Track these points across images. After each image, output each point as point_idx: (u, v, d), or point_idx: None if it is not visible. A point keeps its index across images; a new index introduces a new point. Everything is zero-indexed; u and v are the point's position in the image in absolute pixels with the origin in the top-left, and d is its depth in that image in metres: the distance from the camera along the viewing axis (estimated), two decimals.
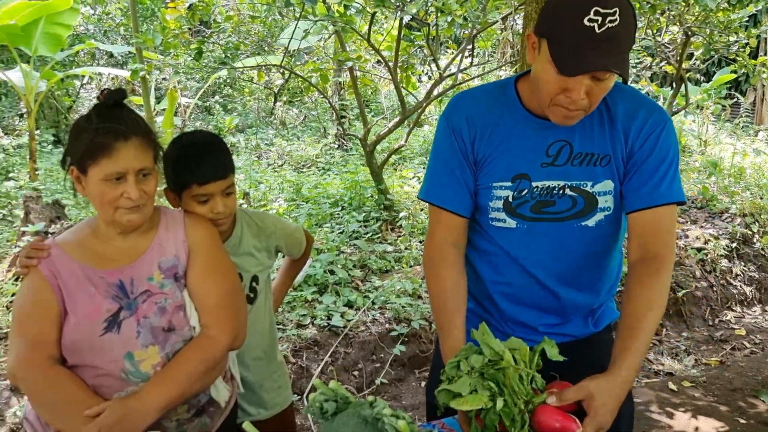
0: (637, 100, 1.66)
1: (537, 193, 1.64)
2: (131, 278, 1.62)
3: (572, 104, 1.48)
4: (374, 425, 1.17)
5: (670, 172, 1.60)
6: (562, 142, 1.62)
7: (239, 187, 6.36)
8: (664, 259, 1.56)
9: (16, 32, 6.13)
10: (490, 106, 1.68)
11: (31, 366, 1.52)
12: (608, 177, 1.62)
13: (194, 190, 1.82)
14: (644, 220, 1.58)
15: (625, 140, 1.61)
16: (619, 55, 1.40)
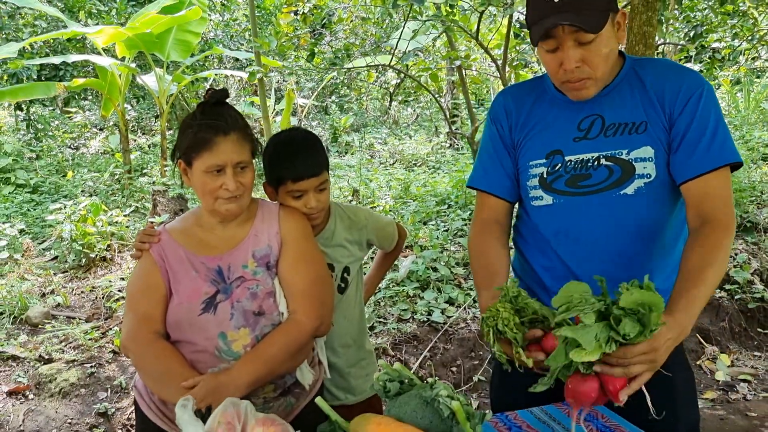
0: (667, 66, 1.67)
1: (571, 167, 1.65)
2: (228, 265, 1.76)
3: (571, 75, 1.54)
4: (432, 406, 1.23)
5: (718, 136, 1.56)
6: (594, 116, 1.65)
7: (350, 185, 6.56)
8: (721, 222, 1.52)
9: (151, 40, 6.67)
10: (526, 95, 1.78)
11: (138, 339, 1.70)
12: (647, 143, 1.60)
13: (289, 186, 1.94)
14: (696, 188, 1.56)
15: (661, 105, 1.60)
16: (581, 11, 1.46)
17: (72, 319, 4.31)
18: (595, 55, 1.53)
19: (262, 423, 1.22)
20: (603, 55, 1.54)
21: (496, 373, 1.97)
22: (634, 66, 1.67)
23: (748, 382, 4.21)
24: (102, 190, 7.13)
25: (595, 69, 1.55)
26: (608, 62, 1.57)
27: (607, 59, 1.56)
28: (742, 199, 5.81)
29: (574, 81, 1.57)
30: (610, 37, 1.55)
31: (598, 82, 1.59)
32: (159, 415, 1.76)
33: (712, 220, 1.53)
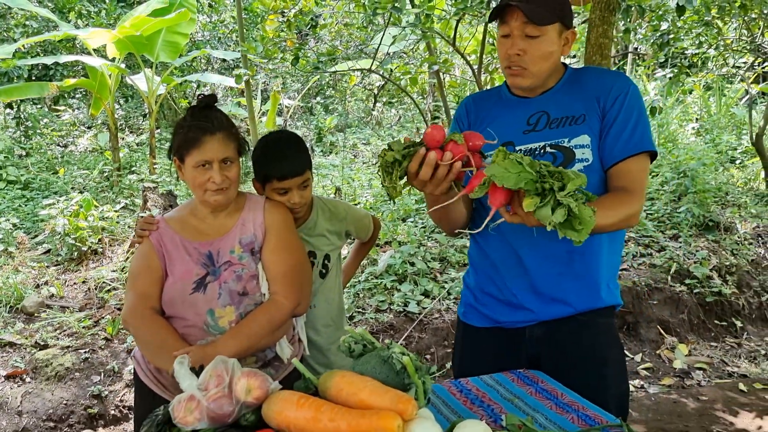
0: (601, 71, 2.02)
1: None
2: (218, 250, 2.01)
3: (512, 61, 1.84)
4: (389, 363, 1.48)
5: (638, 128, 1.85)
6: (540, 112, 1.93)
7: (333, 183, 6.80)
8: (632, 191, 1.82)
9: (141, 42, 6.87)
10: (486, 99, 2.08)
11: (137, 314, 1.95)
12: (584, 132, 1.87)
13: (275, 183, 2.18)
14: (618, 169, 1.85)
15: (596, 100, 1.89)
16: (535, 5, 1.76)
17: (66, 308, 4.53)
18: (536, 50, 1.81)
19: (246, 375, 1.46)
20: (542, 53, 1.82)
21: (460, 350, 2.23)
22: (573, 73, 1.98)
23: (703, 370, 4.51)
24: (92, 186, 7.33)
25: (532, 63, 1.83)
26: (546, 63, 1.85)
27: (545, 59, 1.84)
28: (705, 199, 6.11)
29: (514, 67, 1.85)
30: (554, 42, 1.83)
31: (533, 76, 1.86)
32: (154, 381, 2.00)
33: (624, 188, 1.83)
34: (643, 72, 10.07)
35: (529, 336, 1.99)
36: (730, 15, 5.80)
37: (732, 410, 3.89)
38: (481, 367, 1.98)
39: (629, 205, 1.81)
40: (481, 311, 2.08)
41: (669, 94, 8.97)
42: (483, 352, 2.09)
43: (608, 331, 2.01)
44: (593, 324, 1.96)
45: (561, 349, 1.96)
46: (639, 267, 5.29)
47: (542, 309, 1.96)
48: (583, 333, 1.95)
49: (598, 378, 1.95)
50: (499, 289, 2.01)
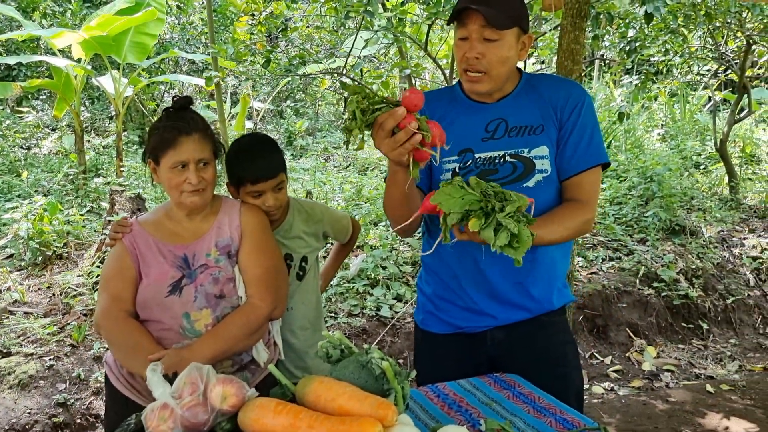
0: (556, 79, 2.04)
1: (480, 163, 1.90)
2: (194, 253, 1.97)
3: (468, 64, 1.82)
4: (367, 368, 1.46)
5: (594, 139, 1.90)
6: (498, 119, 1.92)
7: (304, 187, 6.76)
8: (584, 203, 1.88)
9: (107, 42, 6.73)
10: (439, 100, 2.01)
11: (110, 317, 1.90)
12: (543, 143, 1.88)
13: (248, 187, 2.16)
14: (572, 183, 1.90)
15: (554, 111, 1.90)
16: (492, 8, 1.74)
17: (29, 314, 4.41)
18: (494, 54, 1.79)
19: (222, 382, 1.42)
20: (501, 57, 1.80)
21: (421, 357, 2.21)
22: (529, 80, 1.97)
23: (671, 372, 4.58)
24: (57, 190, 7.17)
25: (491, 66, 1.81)
26: (504, 66, 1.83)
27: (503, 63, 1.82)
28: (671, 204, 6.22)
29: (472, 72, 1.82)
30: (512, 47, 1.81)
31: (492, 80, 1.84)
32: (127, 386, 1.96)
33: (578, 200, 1.89)
34: (610, 78, 10.22)
35: (491, 339, 2.01)
36: (696, 23, 5.91)
37: (700, 411, 3.95)
38: (443, 372, 1.98)
39: (582, 215, 1.89)
40: (440, 317, 2.07)
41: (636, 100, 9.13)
42: (444, 357, 2.08)
43: (564, 329, 2.10)
44: (550, 324, 2.02)
45: (522, 350, 2.00)
46: (608, 270, 5.36)
47: (503, 314, 1.99)
48: (540, 333, 2.00)
49: (561, 375, 2.01)
50: (458, 296, 2.01)
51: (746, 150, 8.42)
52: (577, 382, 2.06)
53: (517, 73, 1.96)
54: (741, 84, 6.83)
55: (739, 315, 5.35)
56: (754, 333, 5.28)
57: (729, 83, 9.71)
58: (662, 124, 9.80)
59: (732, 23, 6.29)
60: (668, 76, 9.42)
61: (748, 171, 7.94)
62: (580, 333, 4.85)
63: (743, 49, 6.68)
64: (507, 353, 2.01)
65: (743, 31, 6.34)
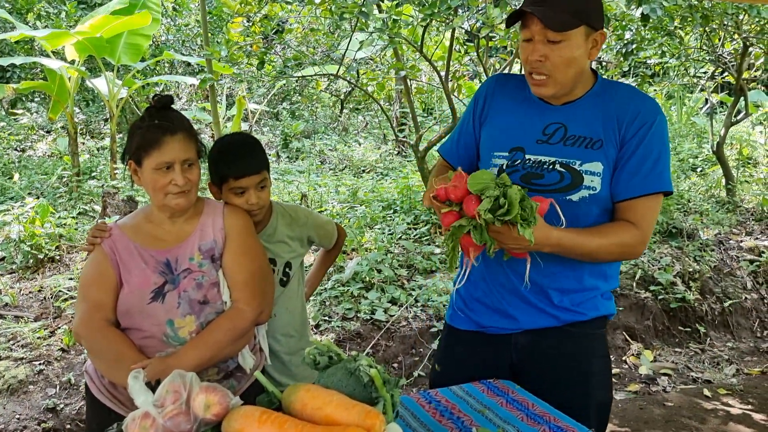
0: (630, 91, 1.87)
1: (529, 165, 1.83)
2: (176, 257, 1.92)
3: (532, 67, 1.74)
4: (356, 376, 1.42)
5: (658, 165, 1.76)
6: (558, 124, 1.83)
7: (299, 189, 6.72)
8: (639, 226, 1.77)
9: (101, 44, 6.69)
10: (510, 86, 1.95)
11: (90, 326, 1.85)
12: (598, 159, 1.78)
13: (231, 183, 2.12)
14: (628, 206, 1.79)
15: (618, 127, 1.78)
16: (553, 10, 1.65)
17: (20, 318, 4.36)
18: (558, 55, 1.68)
19: (205, 390, 1.38)
20: (565, 59, 1.69)
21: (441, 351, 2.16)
22: (604, 86, 1.85)
23: (668, 376, 4.53)
24: (50, 192, 7.11)
25: (555, 69, 1.70)
26: (571, 68, 1.72)
27: (569, 65, 1.70)
28: (668, 206, 6.19)
29: (536, 75, 1.74)
30: (579, 46, 1.70)
31: (557, 84, 1.74)
32: (109, 397, 1.91)
33: (631, 222, 1.78)
34: None
35: (514, 343, 1.95)
36: (692, 25, 5.89)
37: (698, 416, 3.91)
38: (463, 370, 1.95)
39: (630, 236, 1.77)
40: (468, 315, 2.03)
41: None
42: (465, 355, 2.04)
43: (595, 341, 1.96)
44: (580, 335, 1.92)
45: (545, 358, 1.93)
46: None
47: (526, 318, 1.92)
48: (567, 343, 1.91)
49: (582, 389, 1.91)
50: (487, 296, 1.97)
51: (743, 152, 8.39)
52: (600, 400, 1.95)
53: (592, 76, 1.85)
54: (738, 86, 6.81)
55: (737, 318, 5.31)
56: (752, 336, 5.24)
57: (726, 86, 9.69)
58: None
59: (729, 25, 6.26)
60: (665, 78, 9.40)
61: (745, 173, 7.91)
62: None
63: (740, 51, 6.65)
64: (530, 360, 1.94)
65: (740, 33, 6.32)
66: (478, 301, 2.01)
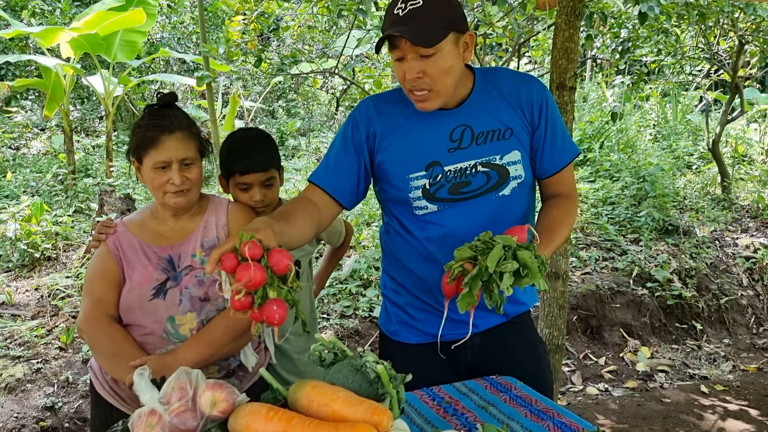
0: (512, 74, 1.92)
1: (451, 176, 1.80)
2: (179, 254, 1.92)
3: (412, 85, 1.68)
4: (361, 372, 1.42)
5: (565, 135, 1.89)
6: (462, 126, 1.80)
7: (296, 187, 6.71)
8: (571, 196, 1.92)
9: (97, 41, 6.67)
10: (393, 105, 1.85)
11: (93, 321, 1.84)
12: (515, 147, 1.82)
13: (237, 178, 2.13)
14: (554, 180, 1.92)
15: (521, 111, 1.83)
16: (417, 27, 1.60)
17: (17, 316, 4.34)
18: (435, 68, 1.64)
19: (211, 387, 1.38)
20: (442, 69, 1.65)
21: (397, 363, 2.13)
22: (484, 77, 1.85)
23: (665, 372, 4.55)
24: (45, 190, 7.08)
25: (435, 81, 1.67)
26: (450, 77, 1.68)
27: (447, 74, 1.67)
28: (664, 204, 6.21)
29: (417, 91, 1.69)
30: (453, 54, 1.66)
31: (440, 95, 1.71)
32: (111, 393, 1.90)
33: (566, 194, 1.91)
34: (602, 79, 10.23)
35: (470, 346, 1.91)
36: (689, 23, 5.91)
37: (695, 412, 3.93)
38: (420, 383, 1.84)
39: (575, 209, 1.94)
40: (417, 328, 1.99)
41: (628, 100, 9.13)
42: (421, 367, 1.94)
43: (533, 329, 2.13)
44: (521, 324, 2.03)
45: (498, 353, 1.98)
46: (602, 271, 5.33)
47: (483, 321, 1.95)
48: (514, 335, 2.01)
49: (537, 375, 2.00)
50: (435, 308, 1.93)
51: (738, 150, 8.43)
52: (549, 380, 2.07)
53: (470, 72, 1.84)
54: (733, 84, 6.83)
55: (733, 315, 5.34)
56: (748, 333, 5.27)
57: (721, 83, 9.73)
58: (654, 124, 9.80)
59: (725, 23, 6.28)
60: (660, 76, 9.42)
61: (741, 171, 7.94)
62: (574, 333, 4.83)
63: (735, 49, 6.68)
64: (483, 358, 1.98)
65: (736, 31, 6.34)
66: (426, 312, 1.96)
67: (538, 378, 1.97)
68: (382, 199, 1.97)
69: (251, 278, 1.35)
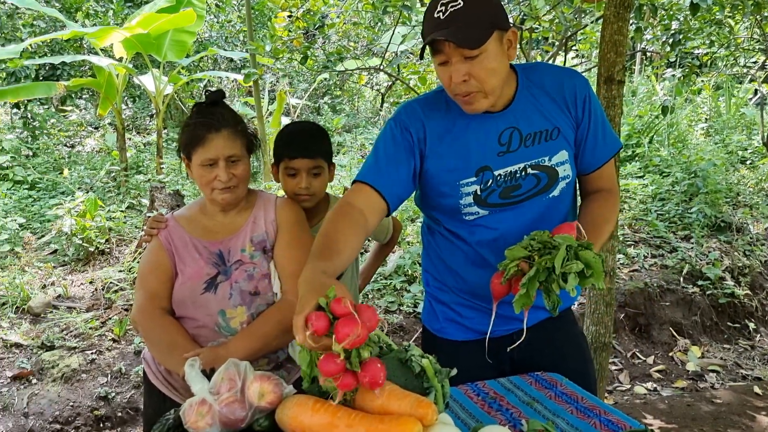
0: (553, 70, 1.89)
1: (501, 181, 1.78)
2: (228, 249, 1.96)
3: (459, 89, 1.65)
4: (408, 366, 1.43)
5: (606, 129, 1.87)
6: (511, 128, 1.77)
7: (341, 183, 6.75)
8: (613, 190, 1.92)
9: (148, 41, 6.83)
10: (434, 108, 1.81)
11: (147, 314, 1.90)
12: (562, 147, 1.80)
13: (285, 163, 2.17)
14: (596, 175, 1.90)
15: (566, 108, 1.81)
16: (460, 29, 1.57)
17: (72, 309, 4.49)
18: (481, 69, 1.61)
19: (259, 379, 1.41)
20: (489, 70, 1.62)
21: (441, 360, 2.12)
22: (525, 74, 1.81)
23: (716, 373, 4.45)
24: (99, 187, 7.30)
25: (482, 83, 1.63)
26: (496, 77, 1.65)
27: (494, 74, 1.64)
28: (717, 200, 6.05)
29: (464, 95, 1.66)
30: (497, 53, 1.63)
31: (488, 96, 1.68)
32: (164, 383, 1.96)
33: (608, 188, 1.90)
34: (652, 72, 10.00)
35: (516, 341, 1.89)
36: (743, 14, 5.72)
37: (747, 414, 3.83)
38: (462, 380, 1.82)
39: (617, 204, 1.94)
40: (464, 325, 1.99)
41: (679, 93, 8.91)
42: (466, 364, 1.85)
43: (575, 321, 2.14)
44: (565, 319, 2.02)
45: (544, 348, 1.96)
46: (650, 268, 5.23)
47: (531, 317, 1.88)
48: (560, 329, 2.00)
49: (586, 364, 2.04)
50: (483, 306, 1.92)
51: None
52: (593, 375, 2.07)
53: (512, 71, 1.80)
54: None
55: None
56: None
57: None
58: (706, 118, 9.54)
59: None
60: (713, 68, 9.17)
61: None
62: (621, 331, 4.75)
63: None
64: (530, 354, 1.94)
65: None
66: (473, 310, 1.96)
67: (582, 374, 1.96)
68: (424, 206, 1.94)
69: (359, 335, 1.18)
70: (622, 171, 6.93)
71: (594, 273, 1.50)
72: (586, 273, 1.50)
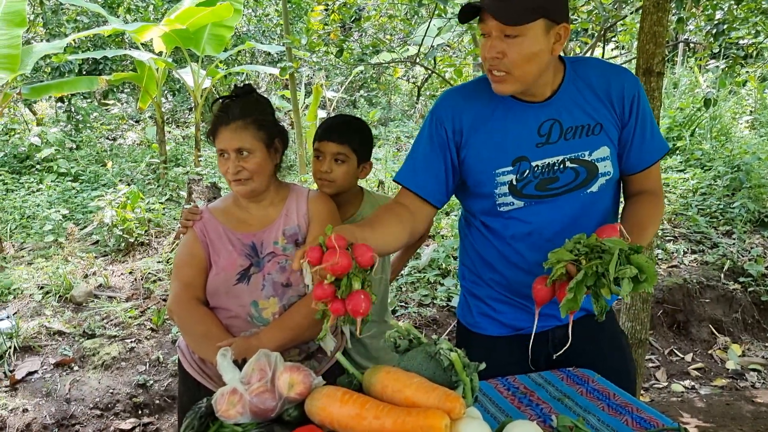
0: (603, 65, 1.84)
1: (539, 172, 1.75)
2: (261, 241, 1.99)
3: (491, 64, 1.62)
4: (436, 360, 1.44)
5: (655, 131, 1.83)
6: (551, 120, 1.74)
7: (376, 176, 6.76)
8: (657, 193, 1.88)
9: (187, 35, 6.93)
10: (474, 97, 1.78)
11: (182, 303, 1.94)
12: (604, 143, 1.75)
13: (315, 145, 2.21)
14: (642, 176, 1.86)
15: (611, 105, 1.76)
16: (505, 4, 1.54)
17: (113, 298, 4.60)
18: (516, 51, 1.58)
19: (289, 370, 1.43)
20: (524, 55, 1.58)
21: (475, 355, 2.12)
22: (573, 68, 1.77)
23: (758, 372, 4.34)
24: (139, 179, 7.45)
25: (513, 66, 1.60)
26: (531, 64, 1.61)
27: (529, 60, 1.60)
28: (760, 195, 5.89)
29: (496, 71, 1.62)
30: (539, 41, 1.59)
31: (516, 82, 1.64)
32: (198, 371, 2.00)
33: (653, 191, 1.85)
34: (695, 63, 9.77)
35: (552, 338, 1.92)
36: None
37: None
38: (497, 375, 1.84)
39: (662, 206, 1.90)
40: (498, 320, 1.97)
41: (722, 85, 8.68)
42: (501, 360, 1.90)
43: (614, 318, 2.09)
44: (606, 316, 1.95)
45: (583, 345, 1.86)
46: (690, 264, 5.13)
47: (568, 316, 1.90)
48: (598, 327, 1.85)
49: (627, 365, 1.99)
50: (517, 300, 1.92)
51: None
52: (634, 375, 2.02)
53: (561, 63, 1.76)
54: None
55: None
56: None
57: None
58: (751, 111, 9.29)
59: None
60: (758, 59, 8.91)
61: None
62: (659, 328, 4.67)
63: None
64: (567, 352, 1.86)
65: None
66: (506, 305, 1.94)
67: (623, 373, 1.93)
68: (463, 196, 1.94)
69: (337, 261, 1.38)
70: (662, 164, 6.80)
71: (648, 278, 1.46)
72: (639, 278, 1.46)
